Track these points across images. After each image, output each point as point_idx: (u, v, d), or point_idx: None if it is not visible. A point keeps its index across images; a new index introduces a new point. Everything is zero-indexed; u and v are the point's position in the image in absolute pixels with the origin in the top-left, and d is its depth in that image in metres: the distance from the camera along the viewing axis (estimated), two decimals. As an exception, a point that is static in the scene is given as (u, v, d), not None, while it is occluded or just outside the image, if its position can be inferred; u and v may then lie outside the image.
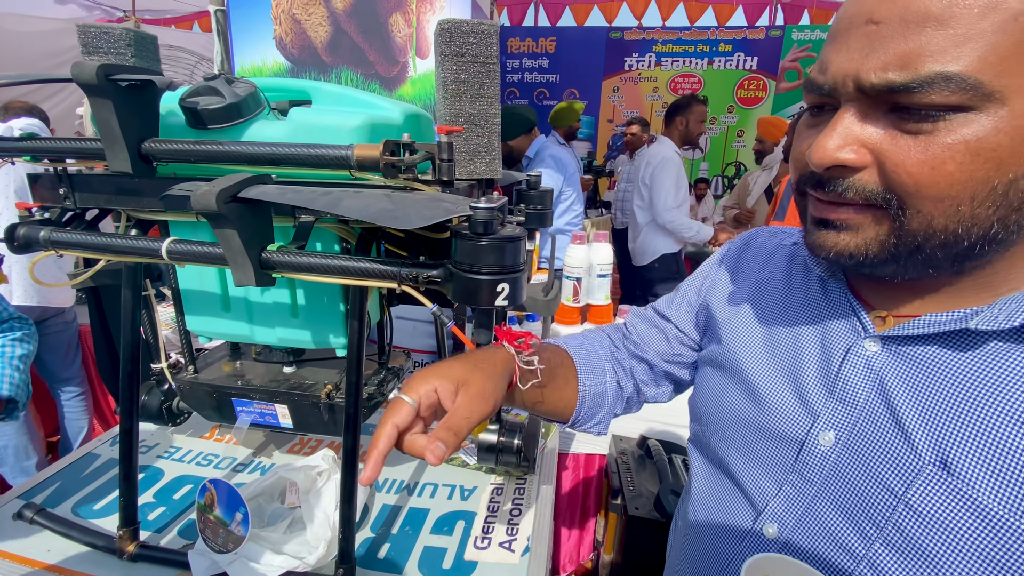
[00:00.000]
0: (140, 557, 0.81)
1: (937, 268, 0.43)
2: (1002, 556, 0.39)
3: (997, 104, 0.36)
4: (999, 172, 0.37)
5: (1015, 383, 0.41)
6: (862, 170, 0.41)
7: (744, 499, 0.56)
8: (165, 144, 0.63)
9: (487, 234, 0.55)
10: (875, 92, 0.39)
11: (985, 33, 0.35)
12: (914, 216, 0.40)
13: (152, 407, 1.04)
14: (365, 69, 1.55)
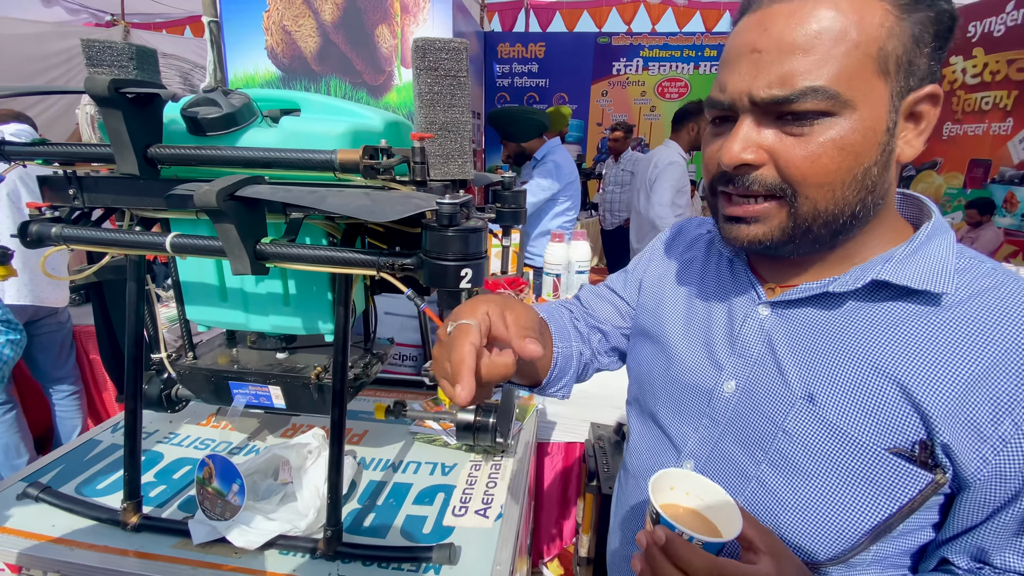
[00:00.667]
0: (143, 528, 0.88)
1: (822, 244, 0.54)
2: (847, 460, 0.51)
3: (851, 110, 0.47)
4: (858, 162, 0.48)
5: (859, 331, 0.53)
6: (762, 167, 0.51)
7: (669, 443, 0.66)
8: (169, 149, 0.71)
9: (452, 226, 0.64)
10: (764, 104, 0.49)
11: (837, 57, 0.46)
12: (804, 202, 0.51)
13: (152, 395, 1.11)
14: (353, 78, 1.63)
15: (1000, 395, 0.47)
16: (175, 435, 1.20)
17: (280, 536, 0.84)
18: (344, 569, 0.80)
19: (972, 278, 0.51)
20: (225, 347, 1.05)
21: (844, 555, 0.52)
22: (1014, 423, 0.46)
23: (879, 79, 0.47)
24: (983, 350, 0.48)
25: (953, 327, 0.50)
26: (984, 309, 0.49)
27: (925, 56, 0.48)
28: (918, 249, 0.53)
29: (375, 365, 1.00)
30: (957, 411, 0.48)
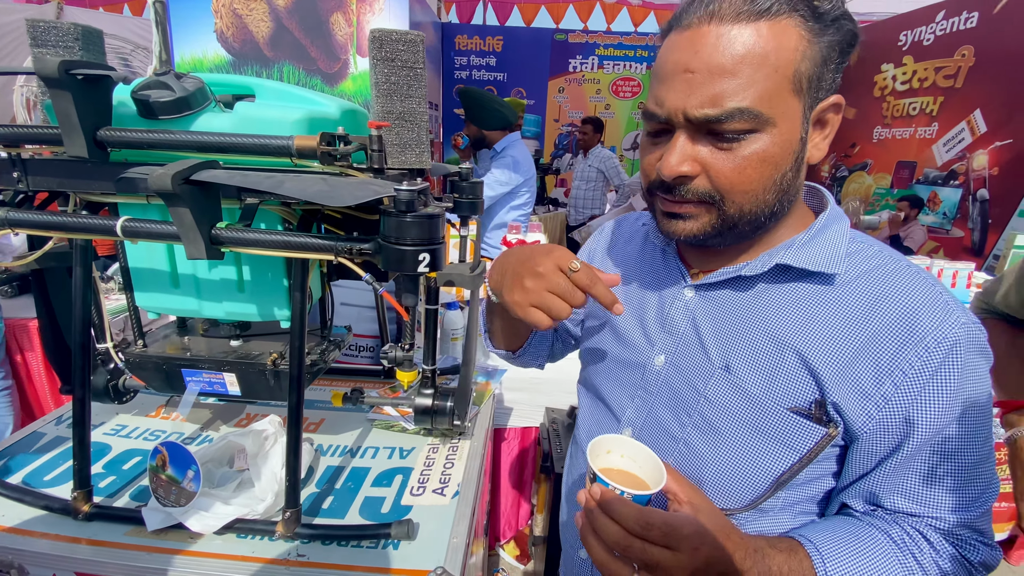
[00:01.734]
0: (94, 516, 0.87)
1: (744, 237, 0.61)
2: (755, 420, 0.59)
3: (772, 126, 0.53)
4: (777, 171, 0.55)
5: (766, 308, 0.61)
6: (696, 177, 0.57)
7: (610, 415, 0.73)
8: (120, 132, 0.70)
9: (409, 211, 0.66)
10: (697, 122, 0.55)
11: (759, 80, 0.52)
12: (731, 206, 0.57)
13: (98, 386, 1.09)
14: (307, 65, 1.61)
15: (882, 360, 0.54)
16: (123, 427, 1.17)
17: (237, 520, 0.85)
18: (304, 549, 0.82)
19: (861, 259, 0.59)
20: (175, 335, 1.04)
21: (755, 502, 0.60)
22: (894, 383, 0.54)
23: (794, 97, 0.53)
24: (868, 321, 0.56)
25: (843, 302, 0.57)
26: (870, 286, 0.57)
27: (831, 71, 0.54)
28: (815, 236, 0.60)
29: (332, 352, 1.01)
30: (845, 374, 0.55)
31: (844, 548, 0.55)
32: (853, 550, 0.55)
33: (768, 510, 0.61)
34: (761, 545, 0.56)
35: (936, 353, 0.53)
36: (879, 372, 0.54)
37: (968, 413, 0.55)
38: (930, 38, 4.73)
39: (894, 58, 5.08)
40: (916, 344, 0.53)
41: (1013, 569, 1.96)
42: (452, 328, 1.77)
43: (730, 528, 0.55)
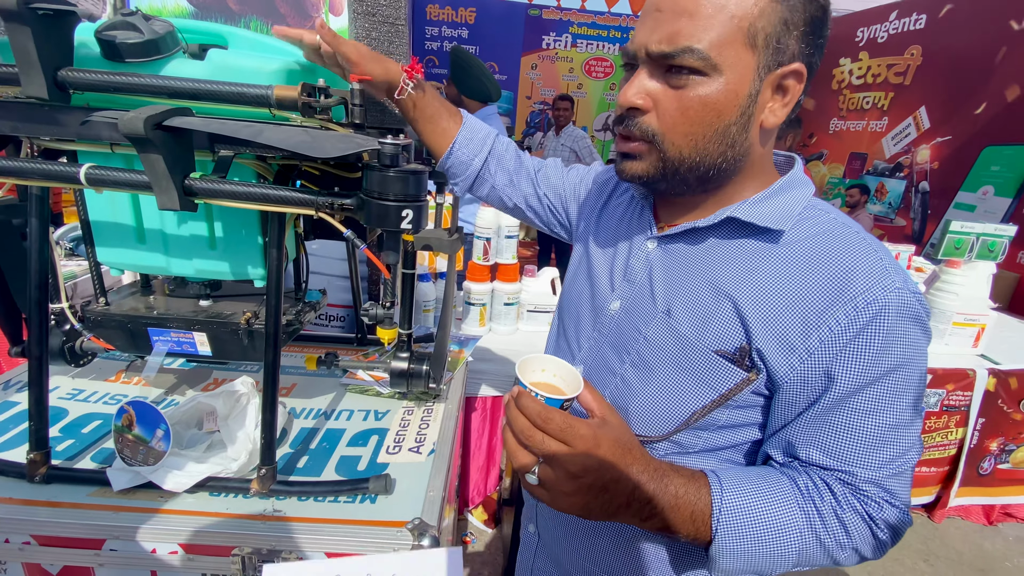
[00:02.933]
0: (53, 478, 0.84)
1: (690, 187, 0.64)
2: (682, 358, 0.63)
3: (718, 73, 0.56)
4: (719, 119, 0.58)
5: (713, 260, 0.65)
6: (647, 113, 0.60)
7: (569, 352, 0.79)
8: (85, 74, 0.67)
9: (394, 167, 0.66)
10: (655, 57, 0.57)
11: (715, 26, 0.54)
12: (671, 147, 0.60)
13: (54, 347, 1.04)
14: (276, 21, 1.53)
15: (810, 315, 0.58)
16: (80, 391, 1.13)
17: (210, 478, 0.84)
18: (280, 504, 0.82)
19: (813, 224, 0.63)
20: (140, 294, 1.00)
21: (669, 433, 0.65)
22: (819, 339, 0.57)
23: (747, 50, 0.55)
24: (804, 279, 0.59)
25: (785, 259, 0.61)
26: (814, 248, 0.60)
27: (795, 38, 0.56)
28: (771, 195, 0.64)
29: (308, 313, 1.00)
30: (773, 324, 0.59)
31: (746, 486, 0.59)
32: (755, 489, 0.59)
33: (688, 447, 0.65)
34: (664, 467, 0.59)
35: (865, 313, 0.56)
36: (807, 326, 0.57)
37: (892, 376, 0.56)
38: (884, 36, 4.93)
39: (851, 53, 5.28)
40: (846, 303, 0.56)
41: (936, 527, 2.15)
42: (424, 300, 1.77)
43: (635, 445, 0.59)
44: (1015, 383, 1.97)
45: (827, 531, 0.58)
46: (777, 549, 0.57)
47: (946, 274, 2.02)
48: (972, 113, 3.97)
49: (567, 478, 0.54)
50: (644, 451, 0.59)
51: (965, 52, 4.02)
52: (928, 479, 2.09)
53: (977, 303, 1.98)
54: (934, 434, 1.99)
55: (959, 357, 2.01)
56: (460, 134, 0.87)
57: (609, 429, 0.56)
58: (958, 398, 1.94)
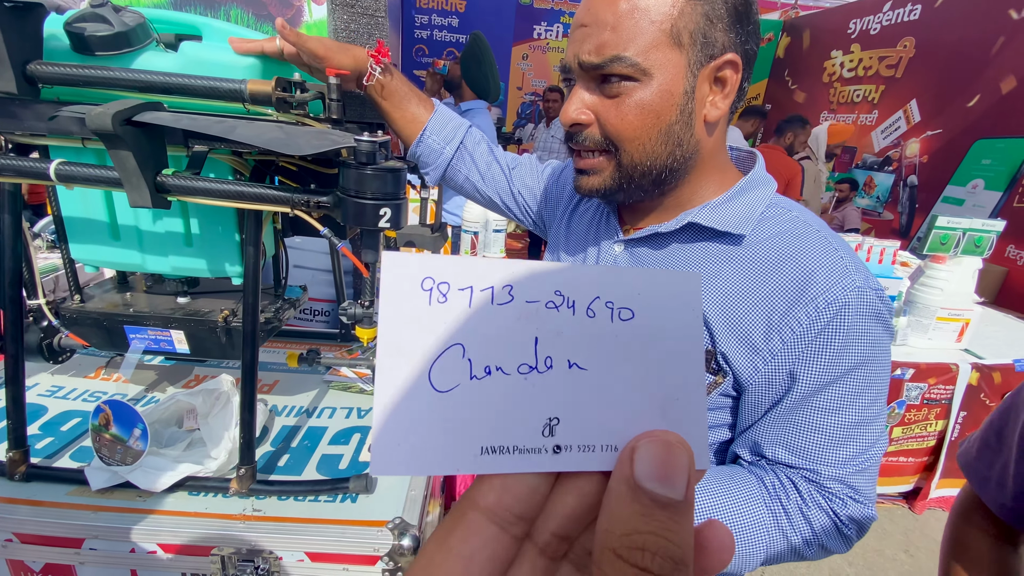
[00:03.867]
0: (32, 477, 0.83)
1: (646, 192, 0.64)
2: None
3: (649, 77, 0.56)
4: (659, 120, 0.58)
5: (677, 264, 0.65)
6: (590, 126, 0.60)
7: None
8: (54, 67, 0.65)
9: (370, 164, 0.65)
10: (587, 69, 0.58)
11: (638, 33, 0.55)
12: (624, 155, 0.60)
13: (31, 344, 1.02)
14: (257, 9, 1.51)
15: (773, 317, 0.58)
16: (59, 388, 1.11)
17: (189, 478, 0.83)
18: (260, 504, 0.82)
19: (773, 224, 0.63)
20: (116, 292, 0.99)
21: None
22: (782, 340, 0.58)
23: (674, 50, 0.56)
24: (767, 280, 0.59)
25: (747, 262, 0.61)
26: (774, 249, 0.61)
27: (720, 30, 0.56)
28: (731, 198, 0.64)
29: (287, 311, 0.99)
30: (736, 327, 0.60)
31: (714, 487, 0.59)
32: (722, 489, 0.59)
33: None
34: None
35: (825, 313, 0.56)
36: (769, 328, 0.58)
37: (855, 373, 0.57)
38: (876, 27, 4.93)
39: (843, 45, 5.28)
40: (807, 303, 0.57)
41: (917, 518, 2.18)
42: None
43: None
44: (998, 377, 2.00)
45: (793, 528, 0.59)
46: (745, 548, 0.58)
47: (931, 269, 2.04)
48: (964, 106, 3.98)
49: None
50: None
51: (960, 43, 4.03)
52: (906, 468, 2.12)
53: (962, 298, 2.01)
54: (913, 426, 2.02)
55: (943, 351, 2.03)
56: (431, 121, 0.86)
57: None
58: (940, 391, 1.97)
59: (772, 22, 6.34)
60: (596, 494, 0.20)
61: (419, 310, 0.21)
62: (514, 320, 0.21)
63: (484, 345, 0.21)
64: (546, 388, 0.21)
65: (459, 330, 0.21)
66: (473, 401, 0.21)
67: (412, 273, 0.21)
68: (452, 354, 0.21)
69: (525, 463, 0.20)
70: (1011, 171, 3.63)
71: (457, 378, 0.21)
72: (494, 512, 0.20)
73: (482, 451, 0.20)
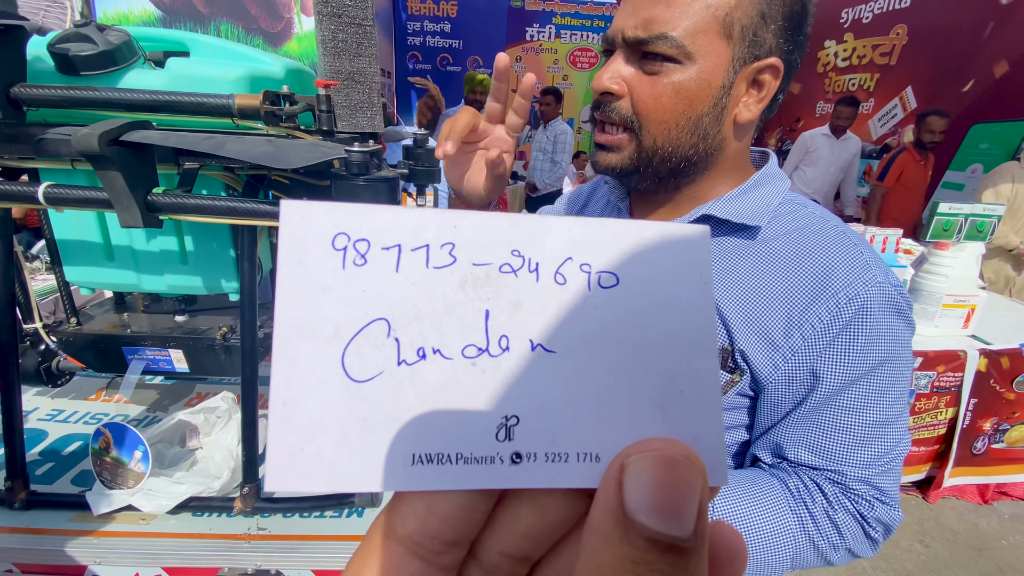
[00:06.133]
0: (33, 504, 0.82)
1: (662, 180, 0.62)
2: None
3: (692, 61, 0.54)
4: (691, 108, 0.56)
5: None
6: (622, 98, 0.58)
7: None
8: (39, 89, 0.64)
9: (362, 175, 0.64)
10: (631, 43, 0.56)
11: (691, 14, 0.53)
12: (646, 135, 0.58)
13: (28, 369, 1.01)
14: (247, 23, 1.51)
15: (793, 314, 0.56)
16: (59, 411, 1.10)
17: (192, 498, 0.82)
18: (264, 522, 0.81)
19: (790, 219, 0.61)
20: (113, 312, 0.98)
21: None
22: (803, 337, 0.56)
23: (722, 41, 0.54)
24: (786, 276, 0.58)
25: (764, 257, 0.60)
26: (793, 243, 0.59)
27: (772, 32, 0.55)
28: (745, 191, 0.63)
29: (287, 324, 0.98)
30: (755, 324, 0.58)
31: (737, 492, 0.57)
32: (745, 495, 0.57)
33: None
34: None
35: (847, 309, 0.54)
36: (789, 325, 0.57)
37: (878, 371, 0.55)
38: (868, 16, 4.92)
39: (836, 35, 5.27)
40: (828, 300, 0.55)
41: (931, 507, 2.16)
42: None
43: None
44: (1007, 363, 1.98)
45: (820, 533, 0.57)
46: (771, 554, 0.56)
47: (934, 256, 2.02)
48: (959, 91, 3.97)
49: None
50: None
51: (952, 29, 4.02)
52: (918, 458, 2.10)
53: (966, 284, 1.99)
54: (924, 415, 2.00)
55: (950, 338, 2.01)
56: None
57: None
58: (948, 379, 1.95)
59: (764, 14, 6.33)
60: (562, 510, 0.16)
61: (329, 275, 0.16)
62: (457, 288, 0.16)
63: (417, 321, 0.16)
64: (501, 377, 0.16)
65: (382, 301, 0.16)
66: (401, 393, 0.16)
67: (320, 227, 0.16)
68: (374, 332, 0.16)
69: (473, 477, 0.15)
70: (1008, 154, 3.61)
71: (380, 364, 0.16)
72: (416, 543, 0.15)
73: (414, 460, 0.15)
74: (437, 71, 6.17)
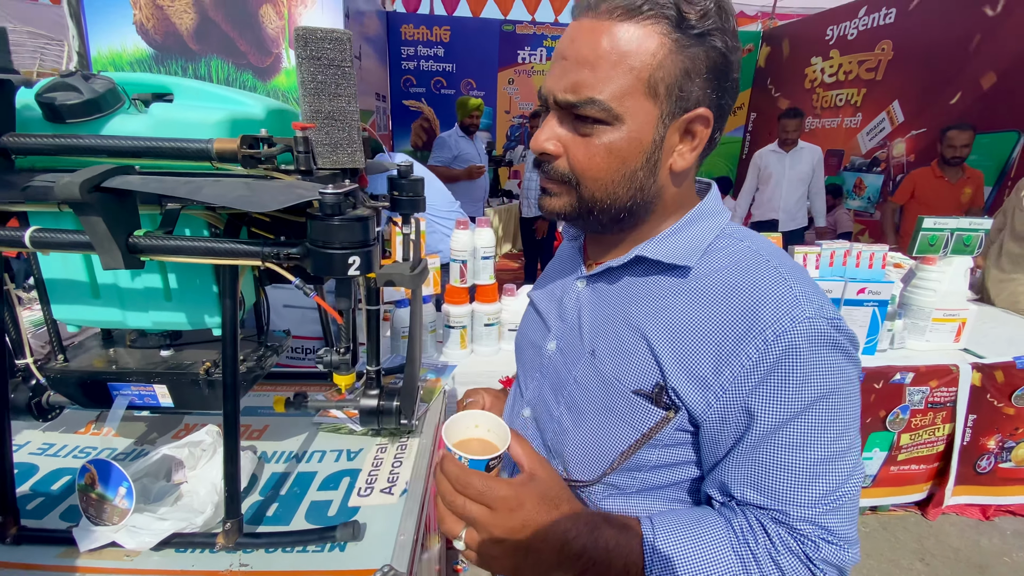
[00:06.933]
0: (22, 539, 0.82)
1: (605, 227, 0.65)
2: (606, 399, 0.64)
3: (621, 122, 0.57)
4: (624, 165, 0.59)
5: (629, 298, 0.65)
6: (559, 158, 0.61)
7: (520, 394, 0.79)
8: (24, 138, 0.67)
9: (336, 215, 0.66)
10: (562, 105, 0.58)
11: (615, 77, 0.55)
12: (584, 190, 0.61)
13: (20, 403, 1.02)
14: (236, 59, 1.55)
15: (723, 351, 0.56)
16: (50, 445, 1.11)
17: (175, 535, 0.82)
18: (247, 559, 0.81)
19: (722, 255, 0.62)
20: (100, 348, 0.99)
21: (601, 476, 0.64)
22: (732, 374, 0.56)
23: (648, 100, 0.56)
24: (714, 313, 0.58)
25: (695, 294, 0.61)
26: (723, 280, 0.60)
27: (697, 85, 0.57)
28: (678, 230, 0.64)
29: (270, 357, 0.99)
30: (685, 361, 0.58)
31: (679, 531, 0.56)
32: (688, 533, 0.56)
33: (625, 488, 0.64)
34: (596, 518, 0.58)
35: (774, 347, 0.54)
36: (719, 362, 0.56)
37: (814, 408, 0.54)
38: (854, 33, 5.01)
39: (822, 52, 5.36)
40: (756, 336, 0.54)
41: (931, 525, 2.14)
42: (402, 326, 1.76)
43: (564, 498, 0.58)
44: (1001, 376, 1.98)
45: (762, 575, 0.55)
46: None
47: (922, 271, 2.04)
48: (947, 103, 4.02)
49: (492, 542, 0.53)
50: (575, 504, 0.58)
51: (937, 43, 4.08)
52: (918, 476, 2.08)
53: (955, 298, 2.00)
54: (921, 431, 1.99)
55: (942, 353, 2.02)
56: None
57: (535, 485, 0.56)
58: (943, 394, 1.95)
59: (751, 33, 6.45)
60: None
61: None
62: None
63: None
64: None
65: None
66: None
67: None
68: None
69: None
70: (999, 165, 3.65)
71: None
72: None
73: None
74: (431, 94, 6.27)
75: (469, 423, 0.61)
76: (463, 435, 0.61)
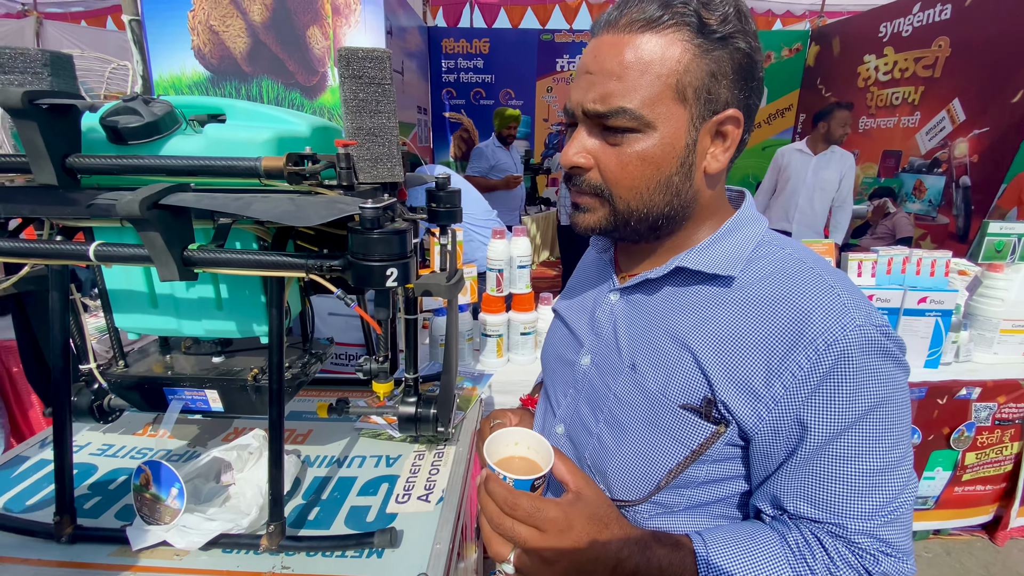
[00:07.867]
0: (78, 538, 0.87)
1: (642, 236, 0.64)
2: (651, 415, 0.61)
3: (652, 129, 0.56)
4: (659, 171, 0.58)
5: (670, 310, 0.63)
6: (590, 170, 0.60)
7: (551, 411, 0.77)
8: (89, 159, 0.71)
9: (375, 228, 0.68)
10: (591, 116, 0.58)
11: (643, 86, 0.55)
12: (619, 201, 0.60)
13: (82, 406, 1.09)
14: (285, 79, 1.62)
15: (773, 361, 0.55)
16: (109, 446, 1.18)
17: (222, 535, 0.86)
18: (288, 561, 0.83)
19: (766, 264, 0.61)
20: (158, 354, 1.05)
21: (649, 495, 0.62)
22: (784, 386, 0.54)
23: (678, 105, 0.56)
24: (763, 323, 0.56)
25: (739, 305, 0.59)
26: (769, 288, 0.58)
27: (725, 87, 0.56)
28: (717, 240, 0.63)
29: (314, 364, 1.03)
30: (734, 374, 0.57)
31: (733, 547, 0.55)
32: (742, 549, 0.55)
33: (672, 507, 0.62)
34: (646, 537, 0.57)
35: (827, 356, 0.53)
36: (769, 373, 0.55)
37: (869, 417, 0.53)
38: (908, 29, 4.78)
39: (875, 49, 5.13)
40: (806, 346, 0.53)
41: (998, 550, 1.98)
42: (441, 334, 1.78)
43: (613, 518, 0.57)
44: (1077, 392, 1.82)
45: None
46: None
47: (988, 279, 1.91)
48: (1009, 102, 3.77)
49: (542, 564, 0.53)
50: (624, 523, 0.57)
51: (996, 39, 3.84)
52: (984, 498, 1.94)
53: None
54: (988, 450, 1.85)
55: (1010, 366, 1.88)
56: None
57: (583, 505, 0.55)
58: (1011, 410, 1.81)
59: (799, 32, 6.24)
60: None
61: None
62: None
63: None
64: None
65: None
66: None
67: None
68: None
69: None
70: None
71: None
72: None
73: None
74: (471, 105, 6.36)
75: (509, 441, 0.61)
76: (504, 453, 0.60)
